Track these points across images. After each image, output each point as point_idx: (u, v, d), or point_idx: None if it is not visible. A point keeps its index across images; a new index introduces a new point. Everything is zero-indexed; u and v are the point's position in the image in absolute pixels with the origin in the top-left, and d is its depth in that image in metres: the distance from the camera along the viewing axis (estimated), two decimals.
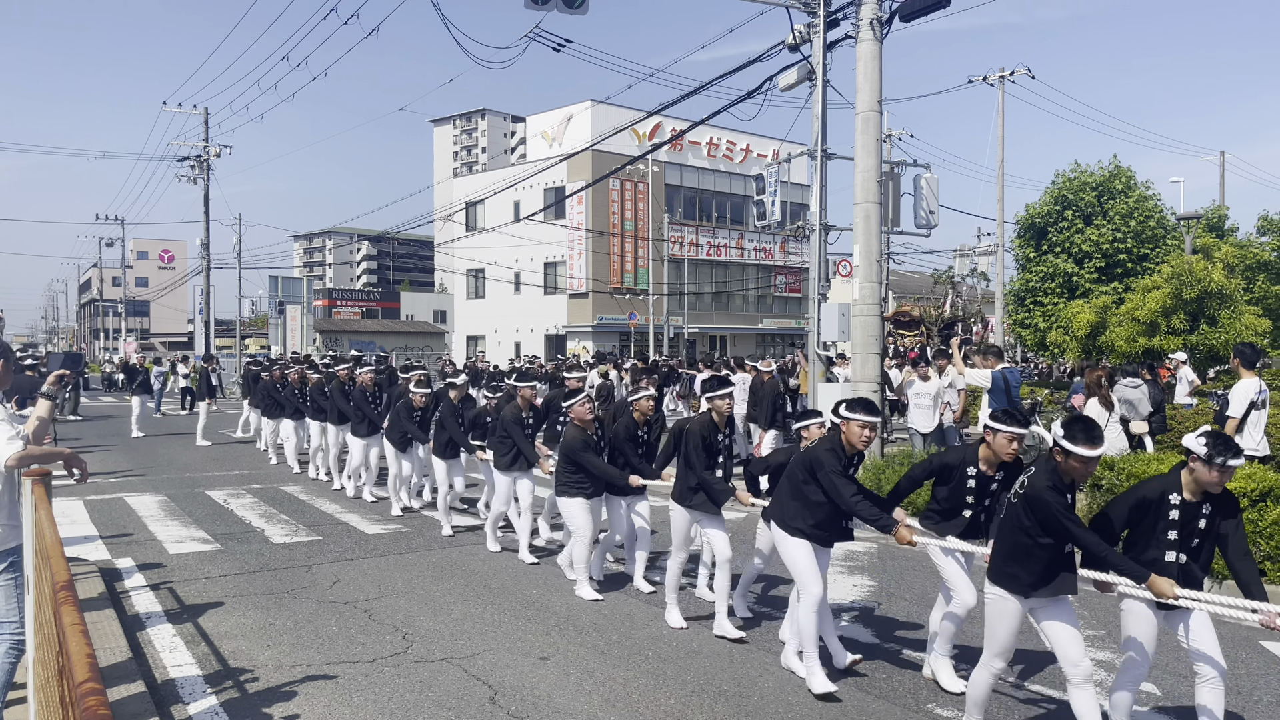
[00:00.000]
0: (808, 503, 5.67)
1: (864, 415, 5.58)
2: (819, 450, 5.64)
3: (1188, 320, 18.22)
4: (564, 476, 7.73)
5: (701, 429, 6.69)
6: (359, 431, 11.88)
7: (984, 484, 5.47)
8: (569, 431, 7.76)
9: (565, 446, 7.67)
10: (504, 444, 8.77)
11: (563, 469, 7.74)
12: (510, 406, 8.86)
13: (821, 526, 5.70)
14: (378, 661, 6.04)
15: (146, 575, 8.23)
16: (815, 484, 5.61)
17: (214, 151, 38.82)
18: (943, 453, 5.87)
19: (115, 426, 22.77)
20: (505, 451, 8.78)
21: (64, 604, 2.32)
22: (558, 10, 11.42)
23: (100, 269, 73.22)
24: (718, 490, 6.49)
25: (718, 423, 6.73)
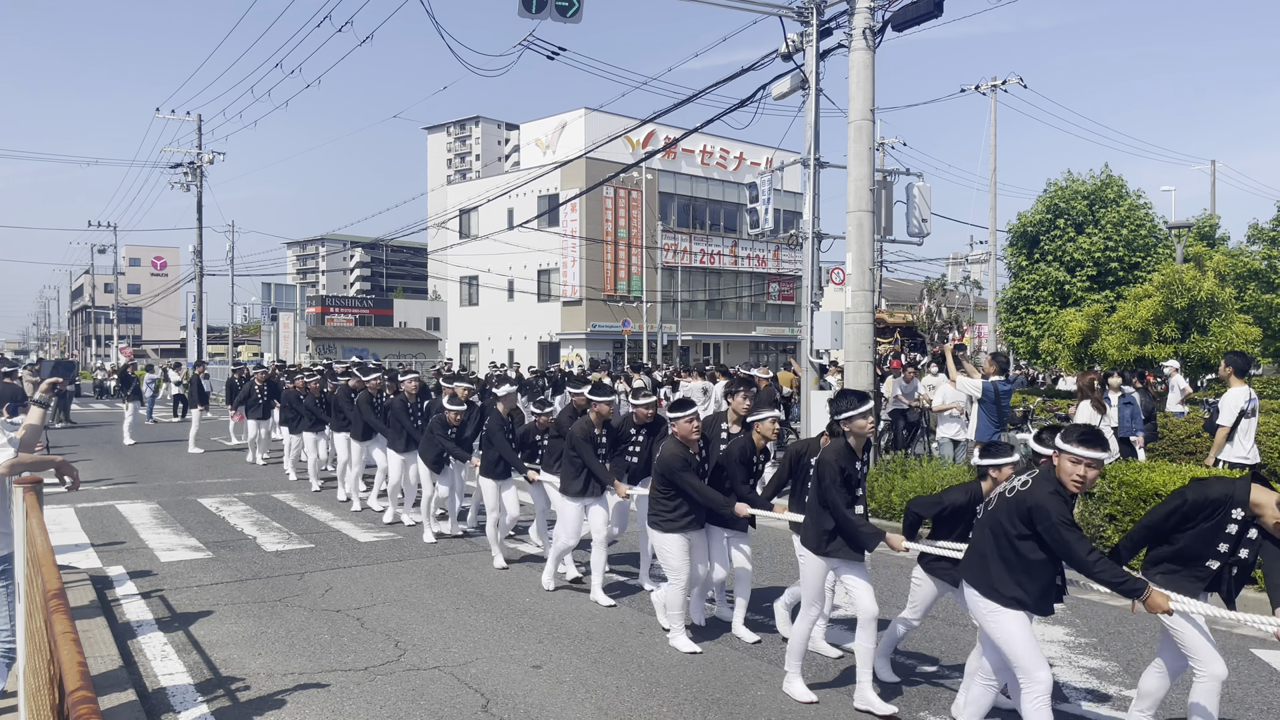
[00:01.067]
0: (1026, 564, 4.43)
1: (1088, 450, 4.26)
2: (1039, 495, 4.34)
3: (1179, 329, 18.30)
4: (659, 504, 6.58)
5: (839, 458, 5.49)
6: (397, 447, 10.87)
7: None
8: (668, 448, 6.60)
9: (663, 466, 6.52)
10: (573, 465, 7.73)
11: (658, 495, 6.60)
12: (581, 422, 7.81)
13: (1046, 593, 4.51)
14: (370, 670, 6.03)
15: (138, 583, 8.20)
16: (1035, 539, 4.38)
17: (207, 158, 38.79)
18: (1203, 484, 4.69)
19: (107, 434, 22.69)
20: (575, 474, 7.72)
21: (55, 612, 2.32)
22: (552, 18, 11.44)
23: (92, 275, 73.07)
24: (865, 534, 5.39)
25: (856, 449, 5.59)
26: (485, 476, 9.10)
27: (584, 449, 7.63)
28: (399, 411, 10.79)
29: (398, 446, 10.84)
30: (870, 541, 5.41)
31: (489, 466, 9.07)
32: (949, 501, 5.58)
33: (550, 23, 11.45)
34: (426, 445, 10.02)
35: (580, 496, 7.73)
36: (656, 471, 6.56)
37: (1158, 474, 8.26)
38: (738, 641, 6.69)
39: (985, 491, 5.45)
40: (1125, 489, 8.25)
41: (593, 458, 7.62)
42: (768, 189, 14.76)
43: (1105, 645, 6.68)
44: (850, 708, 5.49)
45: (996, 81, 30.25)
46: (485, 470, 9.10)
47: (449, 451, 9.77)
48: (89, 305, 79.79)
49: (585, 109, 48.82)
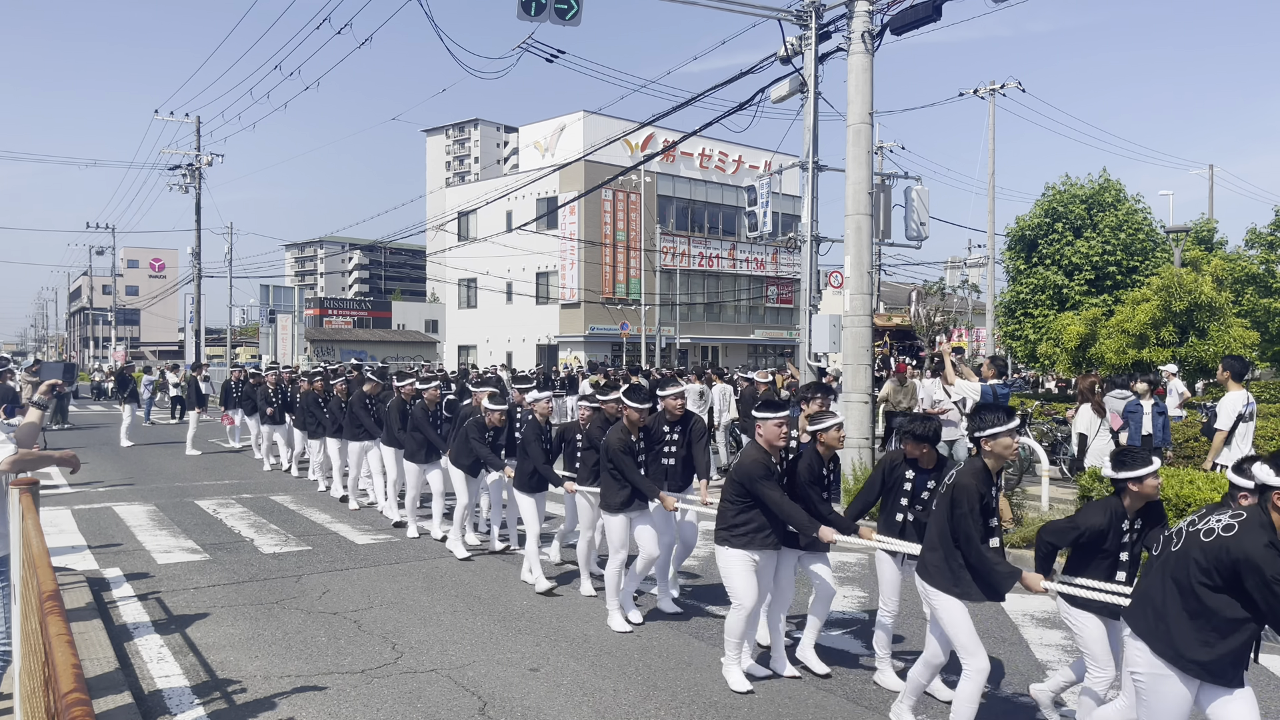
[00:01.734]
0: (1218, 621, 3.70)
1: None
2: (1252, 546, 3.60)
3: (1177, 332, 18.32)
4: (728, 516, 5.83)
5: (979, 482, 4.71)
6: (417, 458, 10.30)
7: None
8: (749, 454, 5.85)
9: (742, 474, 5.74)
10: (614, 479, 7.03)
11: (730, 506, 5.83)
12: (616, 432, 7.08)
13: (1239, 659, 3.78)
14: (367, 672, 6.01)
15: (134, 585, 8.18)
16: (1236, 593, 3.67)
17: (206, 160, 38.78)
18: None
19: (104, 435, 22.66)
20: (618, 488, 7.02)
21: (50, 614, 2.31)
22: (550, 21, 11.44)
23: (90, 277, 73.01)
24: (1001, 574, 4.65)
25: (994, 471, 4.82)
26: (520, 490, 8.41)
27: (624, 462, 6.92)
28: (420, 419, 10.16)
29: (418, 457, 10.26)
30: (1006, 583, 4.68)
31: (523, 479, 8.38)
32: (1085, 525, 4.68)
33: (549, 25, 11.46)
34: (461, 450, 9.36)
35: (625, 509, 7.08)
36: (733, 479, 5.79)
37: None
38: None
39: (1129, 509, 4.68)
40: None
41: (634, 471, 6.93)
42: (766, 192, 14.78)
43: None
44: (837, 710, 5.47)
45: (995, 85, 30.31)
46: (519, 483, 8.41)
47: (485, 459, 9.04)
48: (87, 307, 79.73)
49: (584, 112, 48.84)
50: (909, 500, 5.78)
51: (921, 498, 5.72)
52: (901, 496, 5.79)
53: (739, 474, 5.76)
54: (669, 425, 7.36)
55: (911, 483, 5.76)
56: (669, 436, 7.35)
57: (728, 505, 5.82)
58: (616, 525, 7.12)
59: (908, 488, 5.77)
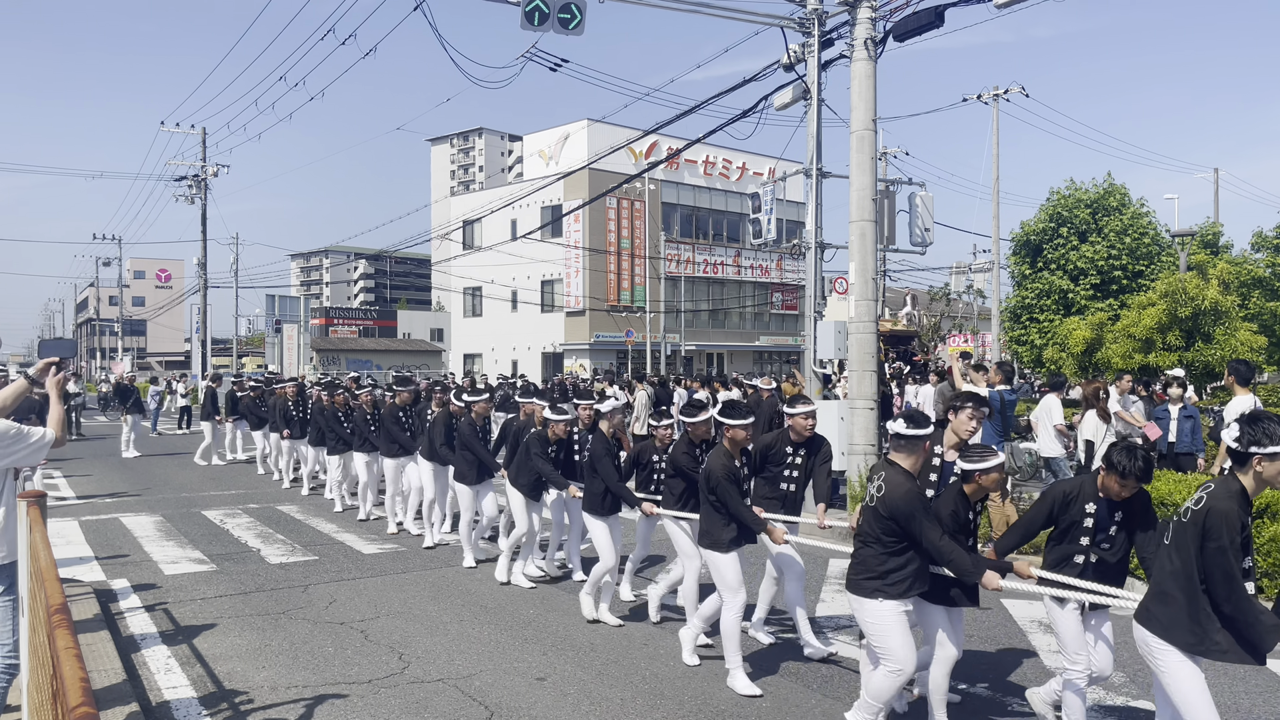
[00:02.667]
0: None
1: None
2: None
3: (1183, 337, 18.28)
4: (875, 561, 4.94)
5: (1240, 508, 3.88)
6: (468, 478, 9.33)
7: None
8: (900, 483, 4.88)
9: (901, 509, 4.80)
10: (718, 512, 6.06)
11: (874, 550, 4.93)
12: (718, 456, 6.07)
13: None
14: (374, 682, 6.02)
15: (142, 596, 8.20)
16: None
17: (211, 171, 38.94)
18: None
19: (110, 446, 22.71)
20: (724, 522, 6.05)
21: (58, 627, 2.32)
22: (554, 31, 11.49)
23: (97, 288, 73.29)
24: (1267, 627, 3.87)
25: (1253, 496, 3.97)
26: (590, 514, 7.49)
27: (728, 493, 5.95)
28: (469, 436, 9.24)
29: (469, 478, 9.33)
30: (1270, 638, 3.84)
31: (594, 500, 7.45)
32: None
33: (552, 35, 11.49)
34: (520, 469, 8.49)
35: (735, 546, 6.11)
36: (880, 515, 4.81)
37: (1163, 483, 8.23)
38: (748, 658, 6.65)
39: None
40: None
41: (739, 502, 6.00)
42: (770, 199, 14.78)
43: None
44: (835, 716, 5.46)
45: (998, 91, 30.30)
46: (590, 505, 7.49)
47: (548, 477, 8.16)
48: (94, 318, 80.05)
49: (588, 120, 48.96)
50: (1091, 538, 4.82)
51: (1110, 533, 4.80)
52: (1082, 534, 4.83)
53: (894, 509, 4.73)
54: (793, 446, 6.64)
55: (1094, 517, 4.80)
56: (792, 459, 6.64)
57: (873, 548, 4.87)
58: (728, 565, 6.06)
59: (1089, 523, 4.81)
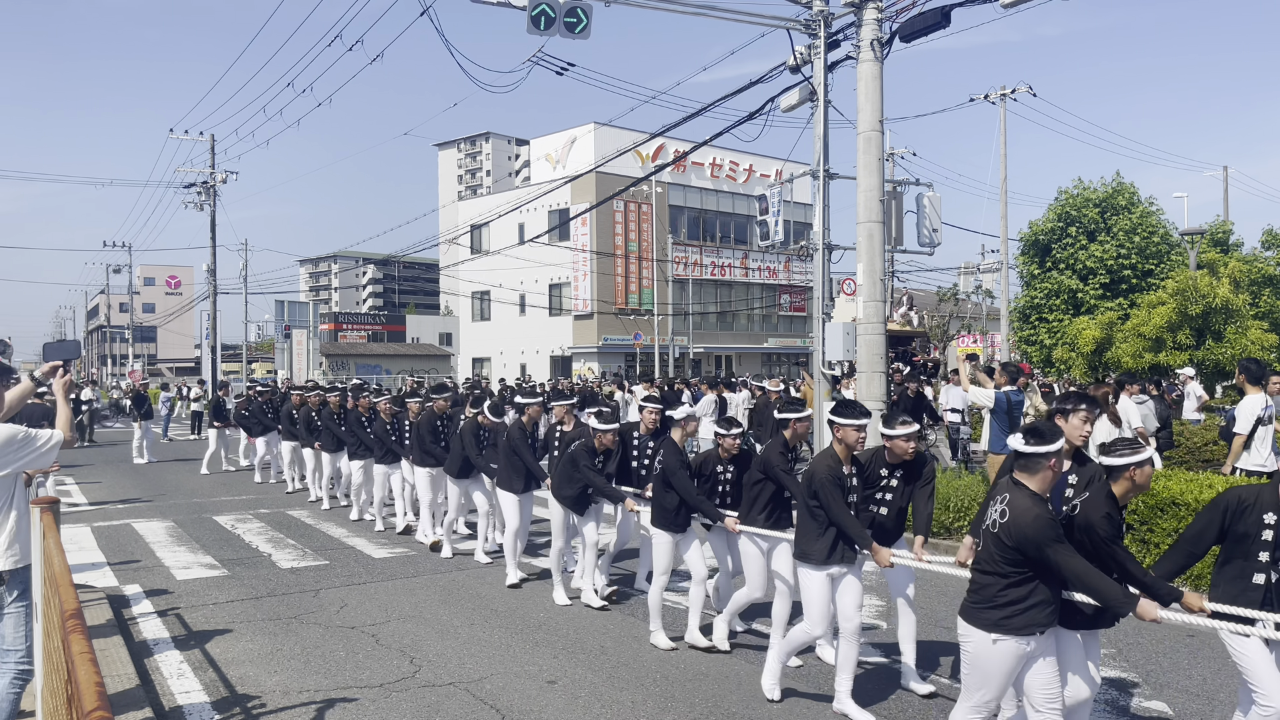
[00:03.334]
0: None
1: None
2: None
3: (1193, 336, 18.21)
4: (993, 593, 4.38)
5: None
6: (515, 487, 8.74)
7: None
8: (1028, 506, 4.18)
9: (1022, 534, 4.14)
10: (816, 521, 5.49)
11: (994, 581, 4.33)
12: (824, 460, 5.60)
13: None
14: (385, 686, 6.03)
15: (154, 601, 8.23)
16: None
17: (220, 178, 39.10)
18: None
19: (123, 452, 22.81)
20: (818, 532, 5.52)
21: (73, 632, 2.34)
22: (560, 35, 11.50)
23: (108, 295, 73.61)
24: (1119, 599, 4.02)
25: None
26: (661, 529, 6.88)
27: (831, 497, 5.41)
28: (519, 443, 8.64)
29: (516, 487, 8.74)
30: (1124, 607, 3.99)
31: (665, 515, 6.83)
32: None
33: (559, 39, 11.51)
34: (565, 480, 7.99)
35: (826, 563, 5.49)
36: (1004, 542, 4.16)
37: (1174, 482, 8.21)
38: (752, 655, 6.65)
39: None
40: (1142, 497, 8.20)
41: (842, 509, 5.43)
42: (778, 201, 14.76)
43: (1124, 656, 6.62)
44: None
45: (1006, 90, 30.23)
46: (661, 520, 6.86)
47: (599, 490, 7.65)
48: (105, 325, 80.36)
49: (595, 124, 49.02)
50: (1272, 553, 4.20)
51: None
52: (1260, 549, 4.21)
53: (1018, 535, 4.10)
54: (889, 467, 5.88)
55: (1275, 529, 4.21)
56: (886, 482, 5.88)
57: (993, 577, 4.22)
58: (817, 587, 5.52)
59: (1268, 536, 4.19)
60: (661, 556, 6.87)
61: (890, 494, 5.85)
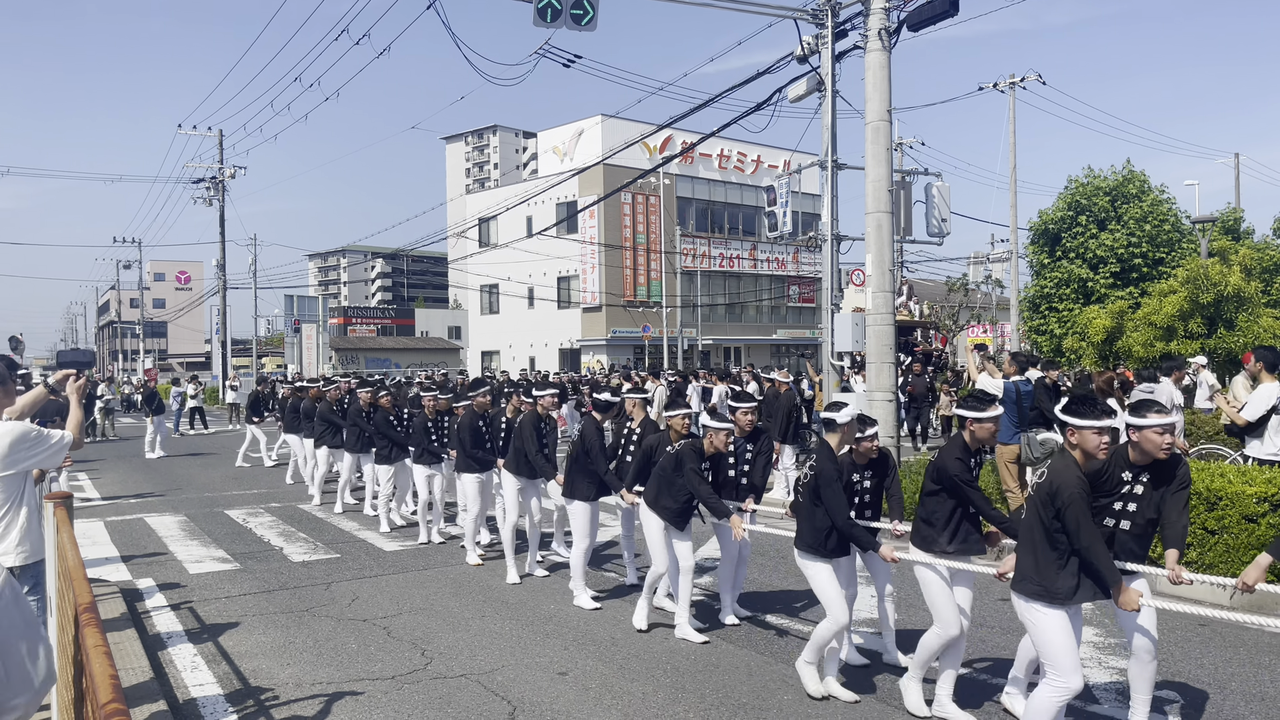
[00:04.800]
0: None
1: None
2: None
3: (1205, 324, 18.11)
4: None
5: (956, 450, 5.24)
6: (585, 494, 7.90)
7: None
8: None
9: None
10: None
11: None
12: (953, 450, 5.31)
13: None
14: (397, 679, 6.06)
15: (167, 595, 8.28)
16: None
17: (229, 173, 39.20)
18: None
19: (135, 447, 22.93)
20: (943, 525, 5.27)
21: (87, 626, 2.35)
22: (567, 27, 11.49)
23: (118, 291, 73.86)
24: None
25: None
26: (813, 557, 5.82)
27: (971, 495, 5.23)
28: (594, 441, 7.85)
29: (588, 494, 7.89)
30: None
31: (818, 538, 5.77)
32: None
33: (565, 31, 11.49)
34: (662, 488, 6.88)
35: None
36: None
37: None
38: (763, 645, 6.66)
39: None
40: None
41: (983, 500, 5.24)
42: (786, 191, 14.75)
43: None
44: (866, 709, 5.45)
45: (1015, 79, 30.07)
46: (812, 546, 5.80)
47: (706, 502, 6.60)
48: (115, 320, 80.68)
49: (602, 116, 48.96)
50: None
51: None
52: None
53: None
54: (1133, 470, 4.77)
55: None
56: (1130, 489, 4.81)
57: None
58: (939, 590, 5.29)
59: None
60: (824, 593, 5.73)
61: (1134, 503, 4.72)
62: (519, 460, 8.75)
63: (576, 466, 7.90)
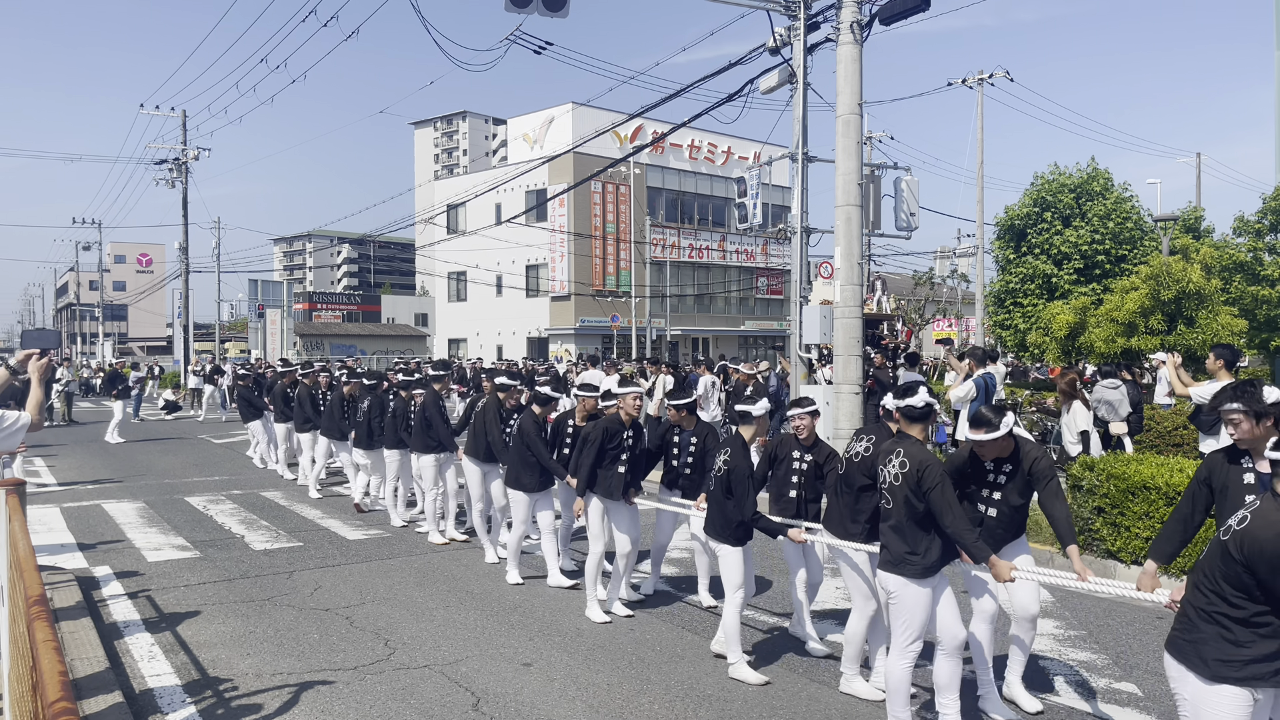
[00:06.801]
0: None
1: None
2: None
3: (1165, 321, 18.37)
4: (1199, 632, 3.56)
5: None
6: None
7: None
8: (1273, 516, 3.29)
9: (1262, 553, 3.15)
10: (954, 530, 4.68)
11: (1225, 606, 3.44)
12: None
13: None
14: (359, 669, 5.99)
15: (124, 583, 8.14)
16: None
17: (192, 154, 38.57)
18: None
19: (94, 432, 22.54)
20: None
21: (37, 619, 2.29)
22: (539, 13, 11.40)
23: (77, 273, 72.60)
24: None
25: None
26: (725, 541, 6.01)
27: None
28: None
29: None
30: None
31: (724, 528, 5.96)
32: None
33: (537, 17, 11.40)
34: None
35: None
36: (1238, 561, 3.22)
37: (1145, 466, 8.28)
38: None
39: None
40: (1113, 481, 8.28)
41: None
42: (756, 183, 14.74)
43: (1095, 638, 6.70)
44: (832, 701, 5.48)
45: (983, 75, 30.31)
46: (720, 533, 6.00)
47: (765, 527, 5.87)
48: (74, 303, 79.30)
49: (573, 104, 48.72)
50: None
51: None
52: None
53: (1255, 553, 3.14)
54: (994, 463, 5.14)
55: None
56: (994, 479, 5.18)
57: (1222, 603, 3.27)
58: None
59: None
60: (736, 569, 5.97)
61: (1000, 491, 5.08)
62: (479, 444, 8.82)
63: (519, 458, 7.98)
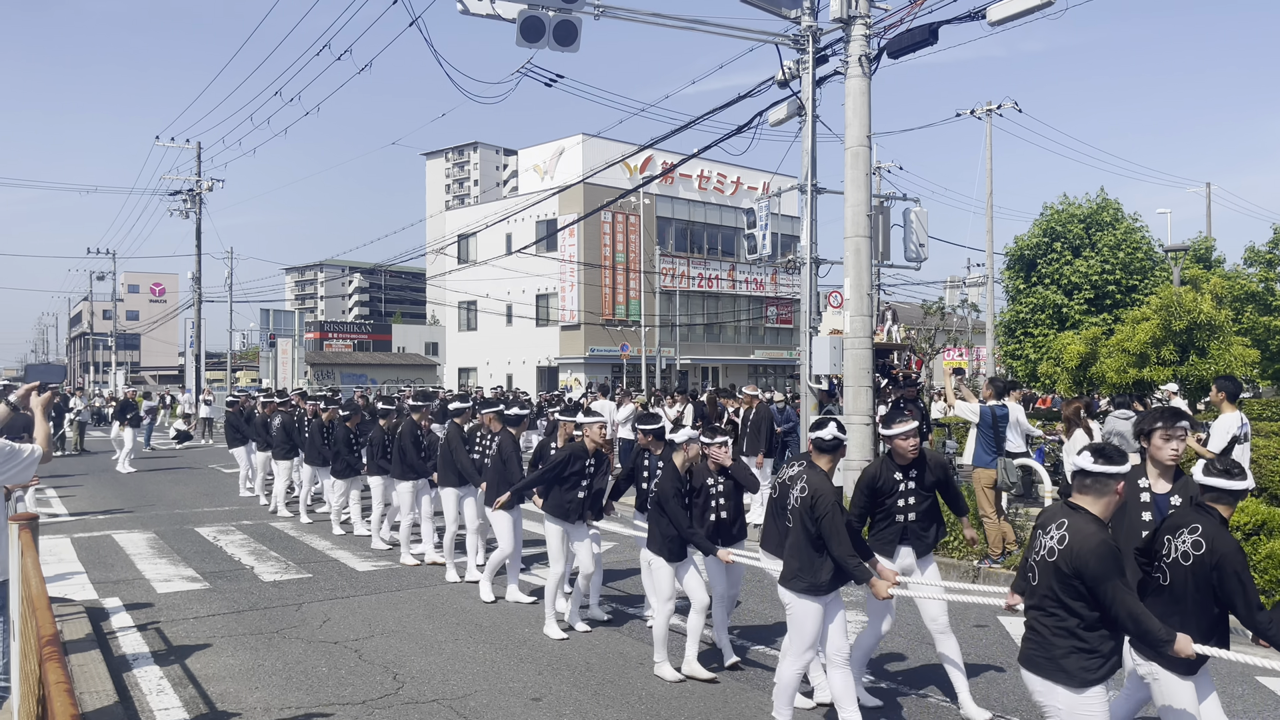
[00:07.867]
0: None
1: None
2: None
3: (1177, 351, 18.31)
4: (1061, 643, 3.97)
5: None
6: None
7: None
8: (1086, 530, 3.83)
9: (1083, 562, 3.74)
10: None
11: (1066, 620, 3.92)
12: None
13: None
14: (368, 703, 5.97)
15: (134, 615, 8.14)
16: None
17: (206, 185, 38.94)
18: None
19: (104, 461, 22.61)
20: None
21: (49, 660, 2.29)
22: (549, 47, 11.51)
23: (91, 302, 73.04)
24: None
25: None
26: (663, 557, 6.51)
27: None
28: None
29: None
30: None
31: (665, 544, 6.47)
32: None
33: (548, 51, 11.52)
34: None
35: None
36: (1069, 575, 3.75)
37: None
38: (739, 673, 6.62)
39: None
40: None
41: None
42: (765, 214, 14.79)
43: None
44: None
45: (991, 105, 30.43)
46: (661, 549, 6.49)
47: (688, 537, 6.42)
48: (87, 332, 79.70)
49: (583, 135, 49.07)
50: None
51: None
52: None
53: (1081, 564, 3.68)
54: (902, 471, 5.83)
55: None
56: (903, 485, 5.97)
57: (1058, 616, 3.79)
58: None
59: None
60: (666, 586, 6.52)
61: (913, 497, 5.75)
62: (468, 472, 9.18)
63: (497, 477, 8.44)
